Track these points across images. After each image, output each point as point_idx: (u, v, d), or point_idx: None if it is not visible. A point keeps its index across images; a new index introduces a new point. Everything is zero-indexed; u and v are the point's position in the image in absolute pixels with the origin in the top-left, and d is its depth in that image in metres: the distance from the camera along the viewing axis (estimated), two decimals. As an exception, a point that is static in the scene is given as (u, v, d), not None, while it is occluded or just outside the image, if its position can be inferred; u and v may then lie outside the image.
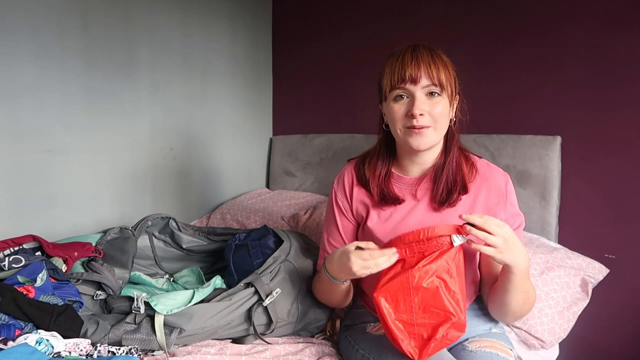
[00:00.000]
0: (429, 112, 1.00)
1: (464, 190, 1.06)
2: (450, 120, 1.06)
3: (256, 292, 1.14)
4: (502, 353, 1.00)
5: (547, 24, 1.62)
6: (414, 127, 1.00)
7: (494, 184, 1.08)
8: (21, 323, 0.93)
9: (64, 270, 1.15)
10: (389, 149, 1.14)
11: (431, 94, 1.01)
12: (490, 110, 1.73)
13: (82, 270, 1.19)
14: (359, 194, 1.15)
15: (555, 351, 1.36)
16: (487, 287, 1.09)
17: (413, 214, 1.09)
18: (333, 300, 1.16)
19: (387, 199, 1.10)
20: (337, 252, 1.03)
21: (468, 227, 0.90)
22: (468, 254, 1.04)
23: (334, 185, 1.20)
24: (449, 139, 1.08)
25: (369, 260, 0.94)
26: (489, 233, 0.90)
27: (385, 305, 0.93)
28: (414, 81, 0.99)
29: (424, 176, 1.10)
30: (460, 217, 0.92)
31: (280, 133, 2.38)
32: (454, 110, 1.07)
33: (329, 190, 1.22)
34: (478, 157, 1.14)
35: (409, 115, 1.00)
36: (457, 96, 1.08)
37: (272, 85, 2.39)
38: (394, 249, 0.94)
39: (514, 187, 1.12)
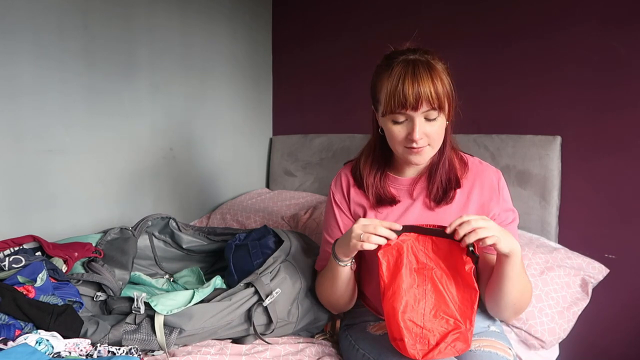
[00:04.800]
0: (428, 134, 1.01)
1: (458, 185, 1.09)
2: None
3: (256, 292, 1.14)
4: (502, 352, 1.00)
5: (547, 23, 1.62)
6: (413, 148, 1.02)
7: (486, 180, 1.10)
8: (21, 323, 0.93)
9: (64, 271, 1.15)
10: (384, 150, 1.14)
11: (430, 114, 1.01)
12: (490, 110, 1.73)
13: (83, 271, 1.18)
14: (355, 195, 1.17)
15: (555, 351, 1.36)
16: (484, 284, 1.09)
17: (409, 213, 1.11)
18: (336, 294, 1.13)
19: (383, 200, 1.12)
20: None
21: (464, 241, 0.92)
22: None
23: (332, 188, 1.22)
24: (443, 140, 1.09)
25: (369, 225, 0.97)
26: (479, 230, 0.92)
27: (396, 303, 0.94)
28: (415, 108, 0.98)
29: (419, 176, 1.12)
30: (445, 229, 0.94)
31: (280, 133, 2.38)
32: (449, 115, 1.06)
33: (328, 190, 1.23)
34: (470, 155, 1.16)
35: (409, 139, 1.01)
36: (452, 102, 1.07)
37: (272, 85, 2.39)
38: (399, 225, 0.97)
39: (508, 186, 1.14)
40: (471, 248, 0.93)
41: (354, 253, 1.02)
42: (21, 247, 1.17)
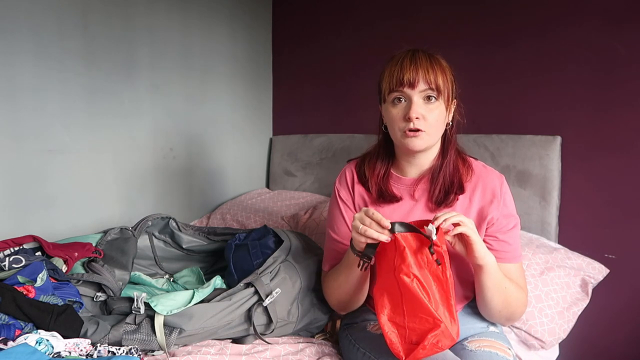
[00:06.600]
0: (425, 116, 1.02)
1: (461, 190, 1.09)
2: (447, 124, 1.09)
3: (256, 292, 1.14)
4: (501, 352, 1.00)
5: (547, 23, 1.62)
6: (410, 130, 1.03)
7: (489, 184, 1.10)
8: (21, 323, 0.93)
9: (64, 271, 1.15)
10: (388, 150, 1.16)
11: (428, 98, 1.03)
12: (490, 110, 1.73)
13: (83, 271, 1.18)
14: (359, 192, 1.18)
15: (555, 351, 1.36)
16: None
17: (411, 213, 1.12)
18: (352, 289, 1.10)
19: (385, 197, 1.13)
20: None
21: (434, 219, 0.93)
22: (461, 256, 1.05)
23: (336, 184, 1.22)
24: (446, 142, 1.11)
25: (362, 226, 0.93)
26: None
27: (382, 304, 0.95)
28: (412, 85, 1.01)
29: (421, 177, 1.13)
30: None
31: (280, 133, 2.38)
32: (451, 114, 1.09)
33: (329, 190, 1.24)
34: (475, 159, 1.16)
35: (406, 118, 1.03)
36: (455, 100, 1.09)
37: (272, 85, 2.39)
38: (388, 233, 0.93)
39: (510, 189, 1.13)
40: (432, 251, 0.91)
41: (361, 245, 0.97)
42: (21, 247, 1.17)
